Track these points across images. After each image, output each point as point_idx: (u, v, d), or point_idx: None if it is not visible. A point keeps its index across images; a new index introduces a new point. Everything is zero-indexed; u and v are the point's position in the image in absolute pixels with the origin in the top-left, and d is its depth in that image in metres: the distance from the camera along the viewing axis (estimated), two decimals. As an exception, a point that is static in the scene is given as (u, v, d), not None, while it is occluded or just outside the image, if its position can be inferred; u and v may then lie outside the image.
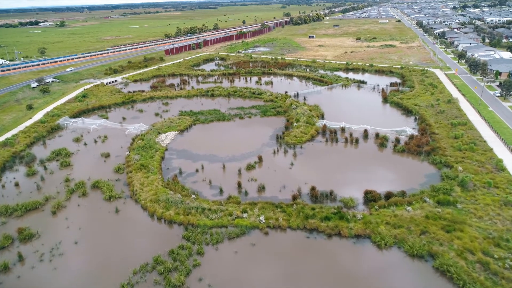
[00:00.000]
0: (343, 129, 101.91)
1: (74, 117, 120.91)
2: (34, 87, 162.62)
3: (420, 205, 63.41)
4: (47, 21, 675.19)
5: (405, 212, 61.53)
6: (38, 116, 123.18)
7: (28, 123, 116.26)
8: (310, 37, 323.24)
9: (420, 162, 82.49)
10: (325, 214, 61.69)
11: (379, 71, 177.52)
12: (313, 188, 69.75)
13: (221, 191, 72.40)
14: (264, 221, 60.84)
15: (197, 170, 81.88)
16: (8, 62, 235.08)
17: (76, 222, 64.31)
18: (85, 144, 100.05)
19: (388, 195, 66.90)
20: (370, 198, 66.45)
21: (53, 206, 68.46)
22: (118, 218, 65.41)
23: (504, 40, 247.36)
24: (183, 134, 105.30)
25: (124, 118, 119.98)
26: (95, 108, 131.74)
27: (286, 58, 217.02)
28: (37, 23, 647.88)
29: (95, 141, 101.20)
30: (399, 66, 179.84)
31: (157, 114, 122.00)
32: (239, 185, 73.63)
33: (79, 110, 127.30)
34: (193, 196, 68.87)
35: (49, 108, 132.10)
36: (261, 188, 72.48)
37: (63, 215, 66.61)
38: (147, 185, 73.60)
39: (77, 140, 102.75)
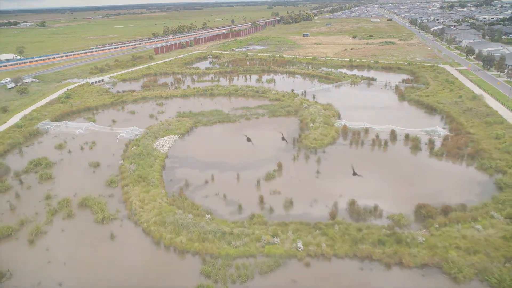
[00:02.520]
0: (366, 130, 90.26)
1: (56, 121, 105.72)
2: (10, 88, 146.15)
3: (489, 222, 51.80)
4: (26, 22, 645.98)
5: (475, 231, 49.76)
6: (14, 119, 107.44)
7: (2, 128, 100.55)
8: (304, 35, 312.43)
9: (464, 167, 71.31)
10: (376, 236, 49.47)
11: (386, 68, 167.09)
12: (353, 203, 57.54)
13: (240, 208, 59.32)
14: (302, 248, 48.09)
15: (206, 182, 68.52)
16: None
17: (60, 254, 50.23)
18: (70, 151, 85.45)
19: (446, 210, 55.16)
20: (425, 214, 54.60)
21: (30, 232, 54.13)
22: (114, 246, 51.57)
23: (504, 37, 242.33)
24: (184, 138, 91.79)
25: (114, 121, 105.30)
26: (80, 110, 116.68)
27: (284, 56, 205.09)
28: (16, 23, 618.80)
29: (82, 148, 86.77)
30: (406, 63, 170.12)
31: (151, 116, 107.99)
32: (262, 200, 60.75)
33: (62, 113, 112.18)
34: (208, 216, 55.62)
35: (27, 110, 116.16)
36: (289, 204, 59.78)
37: (43, 245, 52.37)
38: (148, 202, 60.00)
39: (60, 147, 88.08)
